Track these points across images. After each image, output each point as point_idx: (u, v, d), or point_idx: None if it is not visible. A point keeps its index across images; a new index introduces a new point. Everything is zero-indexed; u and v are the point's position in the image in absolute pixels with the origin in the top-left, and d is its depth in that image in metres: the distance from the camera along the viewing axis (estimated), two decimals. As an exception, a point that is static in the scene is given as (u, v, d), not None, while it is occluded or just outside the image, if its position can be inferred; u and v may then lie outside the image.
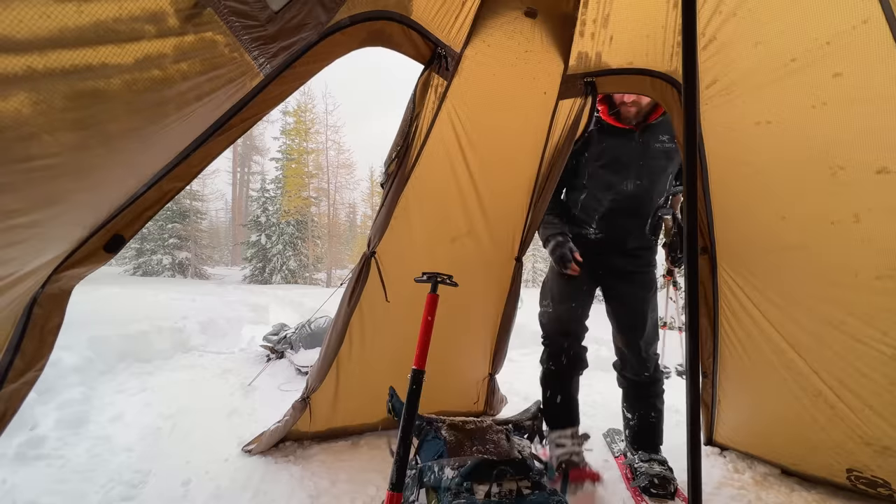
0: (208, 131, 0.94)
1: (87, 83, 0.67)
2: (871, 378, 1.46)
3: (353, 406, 2.01)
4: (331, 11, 1.05)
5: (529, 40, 1.63)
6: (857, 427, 1.53)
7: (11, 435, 1.83)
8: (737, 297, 1.76)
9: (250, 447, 1.89)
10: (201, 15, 0.78)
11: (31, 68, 0.61)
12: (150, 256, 16.68)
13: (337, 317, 1.84)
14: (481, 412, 2.41)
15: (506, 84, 1.73)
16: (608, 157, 1.78)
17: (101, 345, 3.11)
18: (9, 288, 0.77)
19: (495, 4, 1.55)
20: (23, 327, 0.83)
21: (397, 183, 1.70)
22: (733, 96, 1.47)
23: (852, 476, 1.59)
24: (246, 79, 0.94)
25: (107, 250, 0.92)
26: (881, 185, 1.27)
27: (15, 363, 0.83)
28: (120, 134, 0.77)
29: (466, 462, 1.35)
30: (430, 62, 1.55)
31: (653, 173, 1.75)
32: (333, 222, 20.45)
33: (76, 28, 0.64)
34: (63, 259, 0.86)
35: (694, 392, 0.95)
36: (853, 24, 1.17)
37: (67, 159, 0.72)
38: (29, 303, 0.83)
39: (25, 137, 0.64)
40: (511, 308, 2.28)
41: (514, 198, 2.05)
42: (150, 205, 0.95)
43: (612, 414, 2.30)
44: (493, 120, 1.82)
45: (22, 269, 0.78)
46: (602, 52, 1.68)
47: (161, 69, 0.76)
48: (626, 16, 1.57)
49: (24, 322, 0.83)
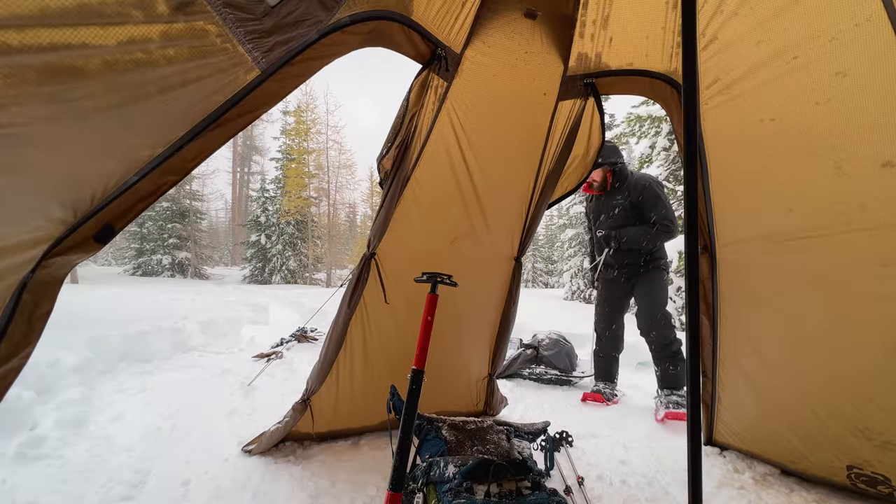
0: (202, 124, 0.93)
1: (64, 61, 0.69)
2: (874, 369, 1.45)
3: (353, 407, 2.01)
4: (330, 10, 1.05)
5: (529, 41, 1.64)
6: (857, 421, 1.53)
7: (11, 435, 1.83)
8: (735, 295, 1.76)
9: (250, 447, 1.89)
10: (193, 4, 0.79)
11: (5, 43, 0.63)
12: (150, 256, 16.70)
13: (337, 318, 1.83)
14: (481, 412, 2.41)
15: (506, 85, 1.73)
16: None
17: (101, 345, 3.11)
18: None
19: (495, 5, 1.55)
20: (11, 311, 0.82)
21: (397, 184, 1.70)
22: (735, 95, 1.47)
23: (852, 474, 1.59)
24: (239, 71, 0.94)
25: (96, 240, 0.91)
26: (887, 177, 1.27)
27: (1, 347, 0.82)
28: (96, 111, 0.79)
29: (469, 461, 1.35)
30: (430, 62, 1.55)
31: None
32: (333, 222, 20.47)
33: (58, 8, 0.66)
34: (53, 244, 0.86)
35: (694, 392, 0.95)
36: (856, 22, 1.17)
37: (36, 130, 0.74)
38: (18, 287, 0.83)
39: None
40: (510, 308, 2.28)
41: (514, 199, 2.05)
42: (142, 196, 0.95)
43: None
44: (494, 121, 1.81)
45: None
46: (602, 53, 1.68)
47: (145, 53, 0.77)
48: (626, 17, 1.57)
49: (12, 306, 0.83)
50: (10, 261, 0.81)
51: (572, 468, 1.83)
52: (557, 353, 3.39)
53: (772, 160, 1.50)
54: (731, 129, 1.55)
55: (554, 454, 1.85)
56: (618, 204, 2.83)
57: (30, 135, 0.73)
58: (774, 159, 1.49)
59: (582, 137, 2.02)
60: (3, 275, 0.81)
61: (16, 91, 0.67)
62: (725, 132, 1.57)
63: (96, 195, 0.87)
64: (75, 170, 0.84)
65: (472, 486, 1.30)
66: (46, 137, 0.76)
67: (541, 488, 1.36)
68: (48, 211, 0.84)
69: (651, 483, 1.76)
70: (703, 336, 1.88)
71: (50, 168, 0.81)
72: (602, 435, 2.23)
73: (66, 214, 0.86)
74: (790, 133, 1.42)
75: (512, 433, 1.74)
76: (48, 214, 0.84)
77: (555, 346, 3.46)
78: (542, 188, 2.03)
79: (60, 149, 0.79)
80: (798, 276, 1.57)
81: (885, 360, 1.42)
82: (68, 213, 0.86)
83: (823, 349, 1.58)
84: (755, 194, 1.61)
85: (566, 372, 3.29)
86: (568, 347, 3.49)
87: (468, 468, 1.31)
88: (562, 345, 3.49)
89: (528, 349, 3.47)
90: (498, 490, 1.31)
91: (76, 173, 0.85)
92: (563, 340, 3.56)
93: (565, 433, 2.03)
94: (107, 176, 0.87)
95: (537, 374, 3.26)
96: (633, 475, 1.81)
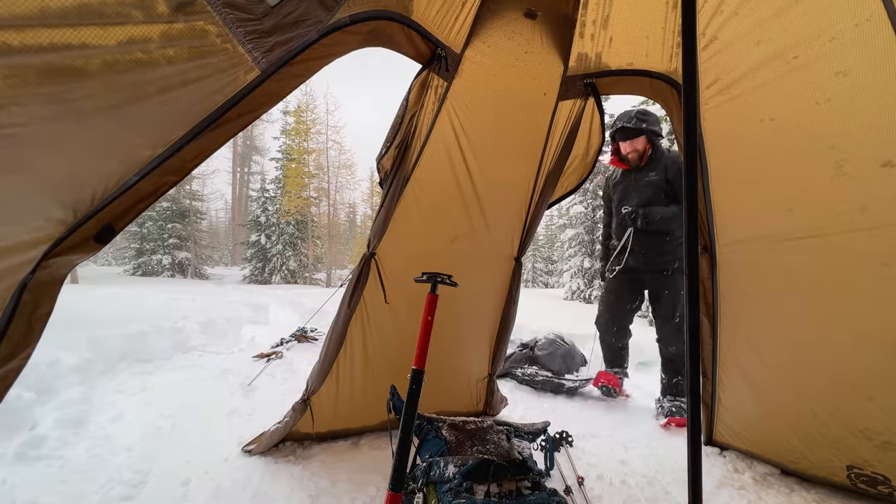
0: (202, 124, 0.93)
1: (64, 61, 0.70)
2: (874, 370, 1.46)
3: (353, 407, 2.01)
4: (330, 10, 1.05)
5: (529, 41, 1.64)
6: (858, 421, 1.53)
7: (11, 435, 1.83)
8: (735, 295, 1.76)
9: (250, 447, 1.89)
10: (193, 4, 0.79)
11: (5, 44, 0.64)
12: (149, 256, 16.69)
13: (337, 318, 1.83)
14: (481, 412, 2.41)
15: (506, 85, 1.73)
16: None
17: (101, 345, 3.10)
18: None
19: (495, 5, 1.55)
20: (11, 312, 0.83)
21: (396, 184, 1.70)
22: (735, 95, 1.47)
23: (852, 474, 1.59)
24: (239, 71, 0.94)
25: (97, 240, 0.92)
26: (887, 177, 1.27)
27: (0, 348, 0.82)
28: (96, 111, 0.79)
29: (469, 461, 1.35)
30: (430, 62, 1.55)
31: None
32: (333, 222, 20.46)
33: (58, 8, 0.66)
34: (53, 245, 0.86)
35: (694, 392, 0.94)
36: (856, 22, 1.17)
37: (36, 130, 0.74)
38: (18, 288, 0.83)
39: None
40: (510, 308, 2.28)
41: (514, 198, 2.05)
42: (142, 197, 0.95)
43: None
44: (494, 121, 1.82)
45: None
46: (602, 53, 1.68)
47: (145, 52, 0.77)
48: (626, 17, 1.57)
49: (12, 307, 0.83)
50: (10, 261, 0.81)
51: (572, 468, 1.83)
52: (551, 353, 3.22)
53: (772, 160, 1.50)
54: (732, 128, 1.55)
55: (554, 454, 1.85)
56: (651, 181, 2.54)
57: (30, 135, 0.74)
58: (774, 159, 1.49)
59: (582, 137, 2.02)
60: (3, 275, 0.81)
61: (16, 91, 0.67)
62: (725, 132, 1.57)
63: (96, 195, 0.87)
64: (75, 170, 0.85)
65: (472, 486, 1.30)
66: (47, 137, 0.76)
67: (541, 488, 1.36)
68: (48, 211, 0.84)
69: (651, 483, 1.76)
70: (703, 336, 1.88)
71: (50, 168, 0.81)
72: (602, 435, 2.23)
73: (67, 215, 0.86)
74: (790, 133, 1.42)
75: (512, 433, 1.74)
76: (48, 214, 0.84)
77: (549, 346, 3.30)
78: (543, 188, 2.03)
79: (61, 149, 0.80)
80: (798, 276, 1.57)
81: (886, 360, 1.42)
82: (68, 213, 0.86)
83: (823, 349, 1.58)
84: (755, 194, 1.61)
85: (559, 374, 3.08)
86: (565, 349, 3.29)
87: (468, 468, 1.31)
88: (557, 346, 3.30)
89: (523, 349, 3.38)
90: (498, 490, 1.31)
91: (76, 173, 0.85)
92: (561, 342, 3.38)
93: (565, 433, 2.03)
94: (107, 176, 0.87)
95: (529, 375, 3.10)
96: (634, 475, 1.81)
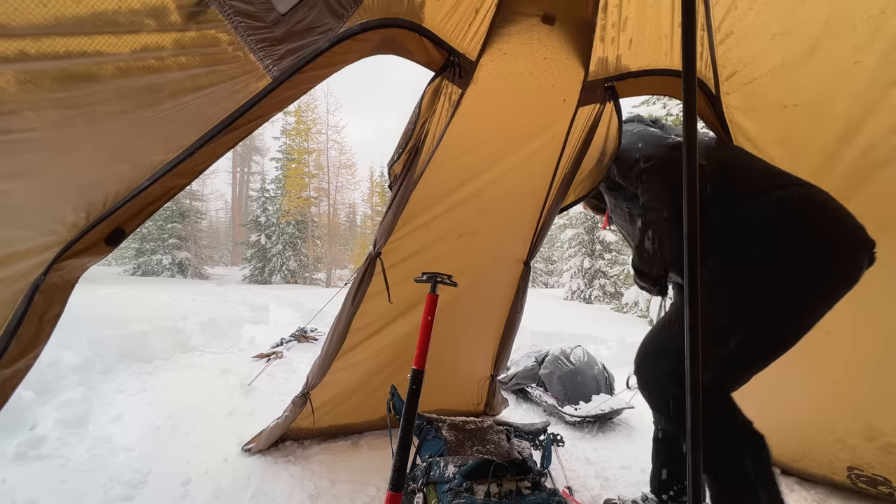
0: (213, 130, 0.94)
1: (78, 68, 0.71)
2: (877, 371, 1.46)
3: (353, 403, 2.02)
4: (341, 18, 1.05)
5: (547, 47, 1.60)
6: (860, 421, 1.54)
7: (11, 435, 1.84)
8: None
9: (250, 446, 1.89)
10: (205, 13, 0.80)
11: (22, 52, 0.65)
12: (150, 256, 16.67)
13: (340, 315, 1.84)
14: (481, 412, 2.42)
15: (524, 92, 1.69)
16: None
17: (101, 345, 3.11)
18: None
19: (511, 12, 1.51)
20: (22, 313, 0.84)
21: (406, 186, 1.69)
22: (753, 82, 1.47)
23: (853, 474, 1.59)
24: (251, 78, 0.94)
25: (107, 243, 0.93)
26: None
27: (10, 348, 0.84)
28: (108, 115, 0.80)
29: (468, 461, 1.36)
30: (443, 69, 1.52)
31: None
32: (333, 222, 20.45)
33: (73, 17, 0.67)
34: (65, 247, 0.87)
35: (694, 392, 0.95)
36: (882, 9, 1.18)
37: (50, 135, 0.75)
38: (31, 289, 0.84)
39: (7, 112, 0.69)
40: (516, 311, 2.28)
41: (528, 203, 2.03)
42: (152, 200, 0.96)
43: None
44: (510, 127, 1.78)
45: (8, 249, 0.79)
46: (622, 56, 1.65)
47: (158, 60, 0.78)
48: (645, 17, 1.54)
49: (24, 308, 0.84)
50: (24, 264, 0.82)
51: (562, 470, 1.84)
52: (550, 374, 2.72)
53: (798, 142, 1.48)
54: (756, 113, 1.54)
55: (553, 454, 1.85)
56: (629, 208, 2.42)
57: (44, 139, 0.74)
58: (800, 143, 1.48)
59: (598, 142, 1.99)
60: (17, 278, 0.82)
61: (31, 96, 0.68)
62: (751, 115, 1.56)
63: (108, 199, 0.88)
64: (88, 174, 0.85)
65: (472, 486, 1.30)
66: (60, 142, 0.77)
67: (541, 488, 1.37)
68: (61, 214, 0.85)
69: (650, 484, 1.76)
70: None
71: (64, 172, 0.82)
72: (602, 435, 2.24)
73: (79, 218, 0.87)
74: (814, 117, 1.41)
75: (512, 433, 1.74)
76: (61, 218, 0.85)
77: (551, 364, 2.77)
78: (556, 193, 2.01)
79: (74, 153, 0.80)
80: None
81: (888, 361, 1.42)
82: (80, 216, 0.87)
83: (825, 350, 1.57)
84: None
85: (559, 402, 2.56)
86: (566, 371, 2.68)
87: (468, 468, 1.32)
88: (559, 365, 2.73)
89: (535, 363, 2.91)
90: (498, 490, 1.31)
91: (89, 177, 0.86)
92: (565, 361, 2.77)
93: (557, 435, 2.02)
94: (119, 180, 0.88)
95: (536, 397, 2.73)
96: (634, 475, 1.82)
